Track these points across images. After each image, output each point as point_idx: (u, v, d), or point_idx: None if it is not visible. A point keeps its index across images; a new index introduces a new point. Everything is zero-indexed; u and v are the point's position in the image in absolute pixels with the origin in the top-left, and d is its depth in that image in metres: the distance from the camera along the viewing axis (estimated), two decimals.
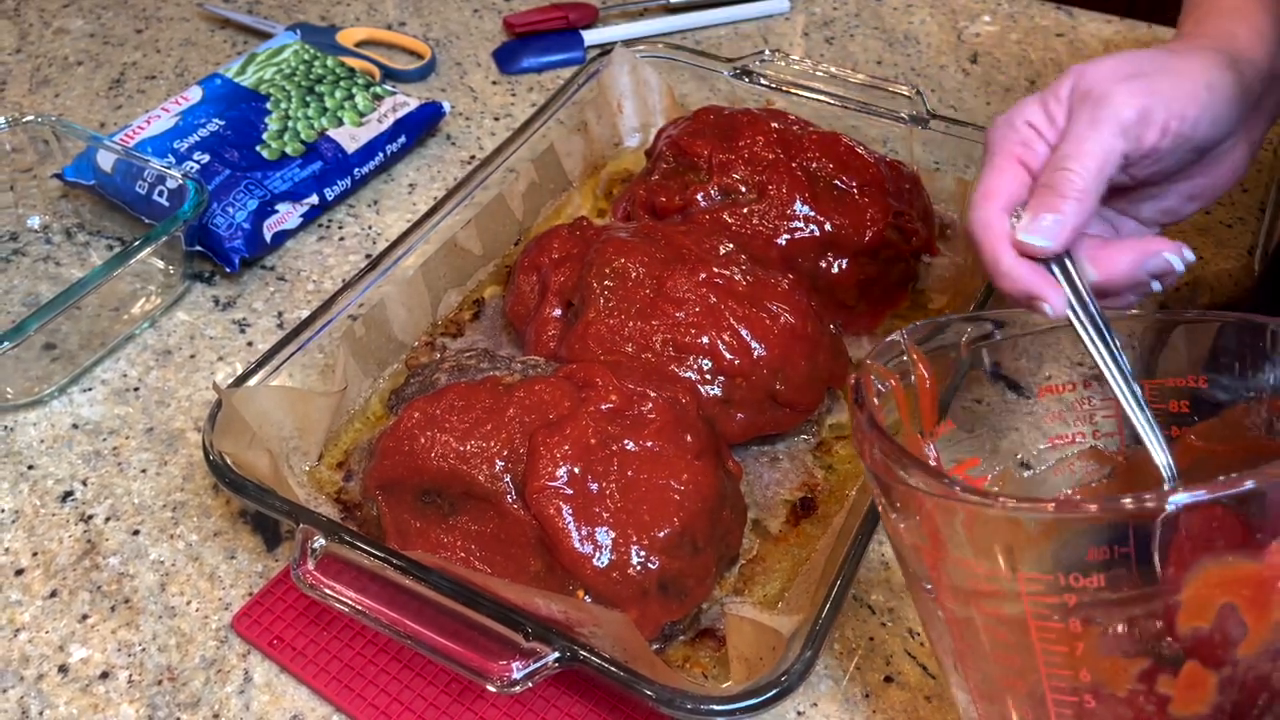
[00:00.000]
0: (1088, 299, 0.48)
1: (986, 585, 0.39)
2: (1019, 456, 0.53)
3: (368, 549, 0.50)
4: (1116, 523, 0.36)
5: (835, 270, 0.67)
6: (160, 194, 0.72)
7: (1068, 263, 0.49)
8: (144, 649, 0.54)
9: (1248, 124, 0.53)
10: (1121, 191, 0.53)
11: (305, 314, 0.67)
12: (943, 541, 0.39)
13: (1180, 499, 0.34)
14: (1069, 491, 0.51)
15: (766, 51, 0.79)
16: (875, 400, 0.44)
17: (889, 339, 0.47)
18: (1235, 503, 0.35)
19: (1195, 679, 0.38)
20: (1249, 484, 0.34)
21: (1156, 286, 0.51)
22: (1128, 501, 0.35)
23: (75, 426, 0.65)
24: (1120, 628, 0.38)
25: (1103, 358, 0.47)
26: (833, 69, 0.78)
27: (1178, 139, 0.49)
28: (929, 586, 0.41)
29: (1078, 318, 0.48)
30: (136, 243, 0.66)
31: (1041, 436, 0.52)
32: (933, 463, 0.48)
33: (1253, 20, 0.54)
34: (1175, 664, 0.38)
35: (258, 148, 0.77)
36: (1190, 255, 0.50)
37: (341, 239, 0.77)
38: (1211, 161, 0.53)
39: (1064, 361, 0.63)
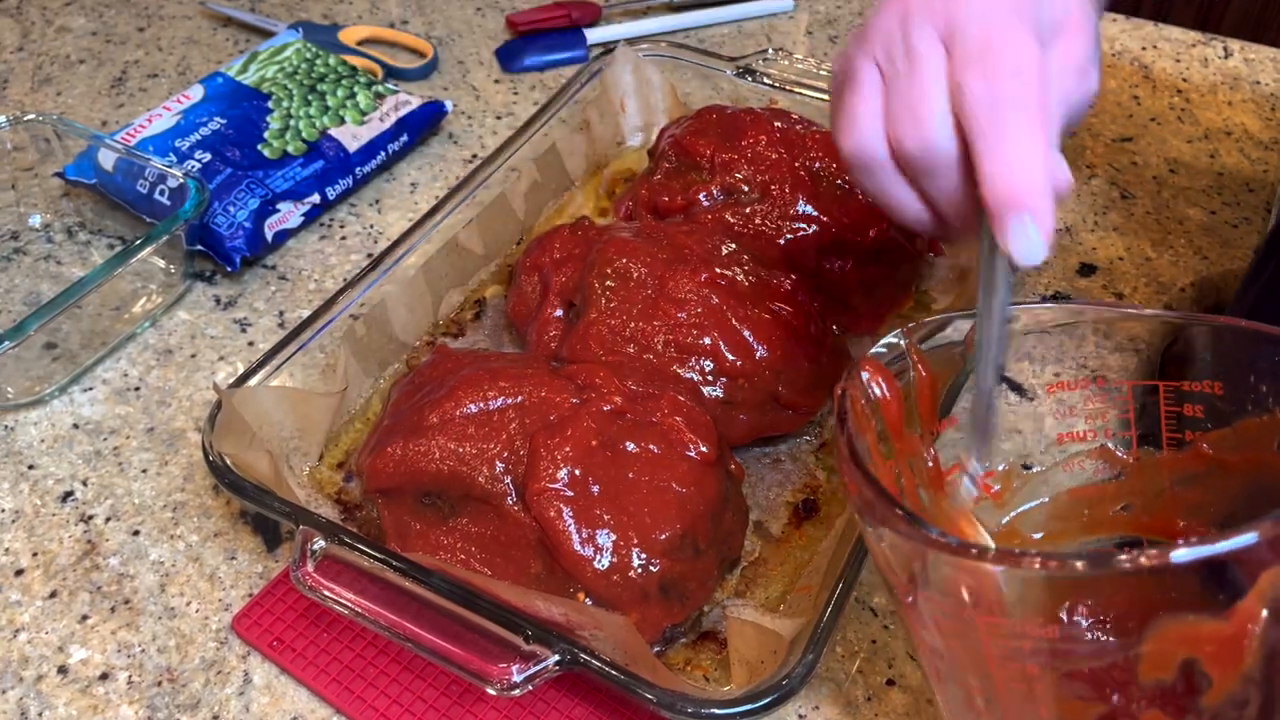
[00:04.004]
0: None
1: (949, 622, 0.39)
2: (1023, 453, 0.53)
3: (367, 551, 0.50)
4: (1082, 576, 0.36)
5: (838, 270, 0.66)
6: (161, 193, 0.72)
7: None
8: (144, 650, 0.54)
9: None
10: None
11: (306, 313, 0.67)
12: (913, 573, 0.39)
13: (1182, 555, 0.33)
14: (1071, 487, 0.50)
15: (770, 50, 0.79)
16: (857, 420, 0.43)
17: (887, 338, 0.47)
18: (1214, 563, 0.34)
19: None
20: (1250, 537, 0.32)
21: None
22: (1122, 559, 0.34)
23: (76, 426, 0.65)
24: (1081, 671, 0.38)
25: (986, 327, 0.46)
26: (835, 68, 0.77)
27: None
28: (908, 600, 0.41)
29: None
30: (137, 242, 0.66)
31: (1050, 434, 0.52)
32: (930, 464, 0.48)
33: None
34: (1138, 711, 0.37)
35: (259, 146, 0.77)
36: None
37: (343, 238, 0.77)
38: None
39: (1069, 362, 0.63)
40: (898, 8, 0.45)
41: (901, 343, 0.47)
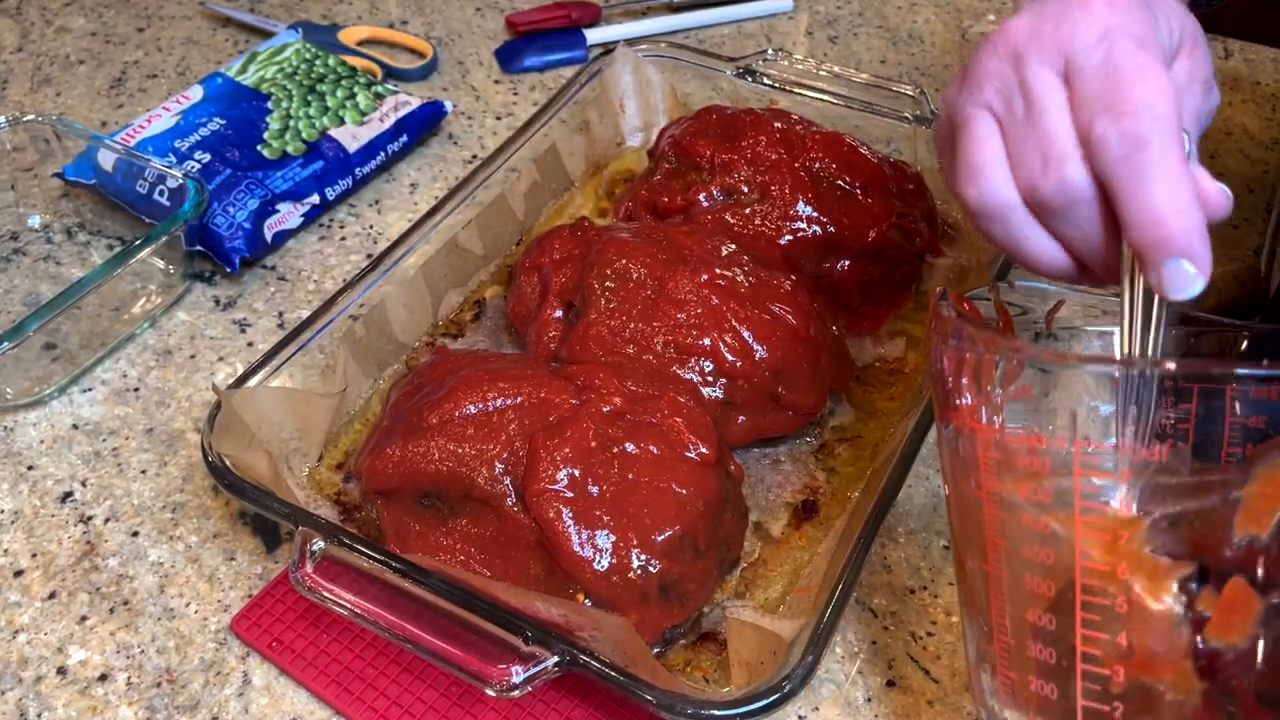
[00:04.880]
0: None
1: (1038, 461, 0.36)
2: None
3: (367, 552, 0.50)
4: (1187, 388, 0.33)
5: (838, 271, 0.66)
6: (161, 193, 0.72)
7: None
8: (143, 651, 0.54)
9: None
10: None
11: (306, 314, 0.67)
12: (1000, 421, 0.37)
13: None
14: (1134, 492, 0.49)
15: (770, 51, 0.79)
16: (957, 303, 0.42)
17: (971, 292, 0.45)
18: None
19: (1238, 600, 0.35)
20: None
21: None
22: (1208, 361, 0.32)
23: (75, 427, 0.65)
24: (1171, 521, 0.35)
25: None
26: (836, 68, 0.77)
27: None
28: (973, 482, 0.39)
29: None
30: (137, 242, 0.66)
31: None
32: (997, 429, 0.46)
33: None
34: (1220, 580, 0.35)
35: (259, 147, 0.77)
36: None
37: (343, 239, 0.77)
38: None
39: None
40: (1004, 48, 0.43)
41: (990, 294, 0.45)
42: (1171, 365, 0.38)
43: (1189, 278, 0.39)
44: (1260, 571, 0.35)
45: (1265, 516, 0.34)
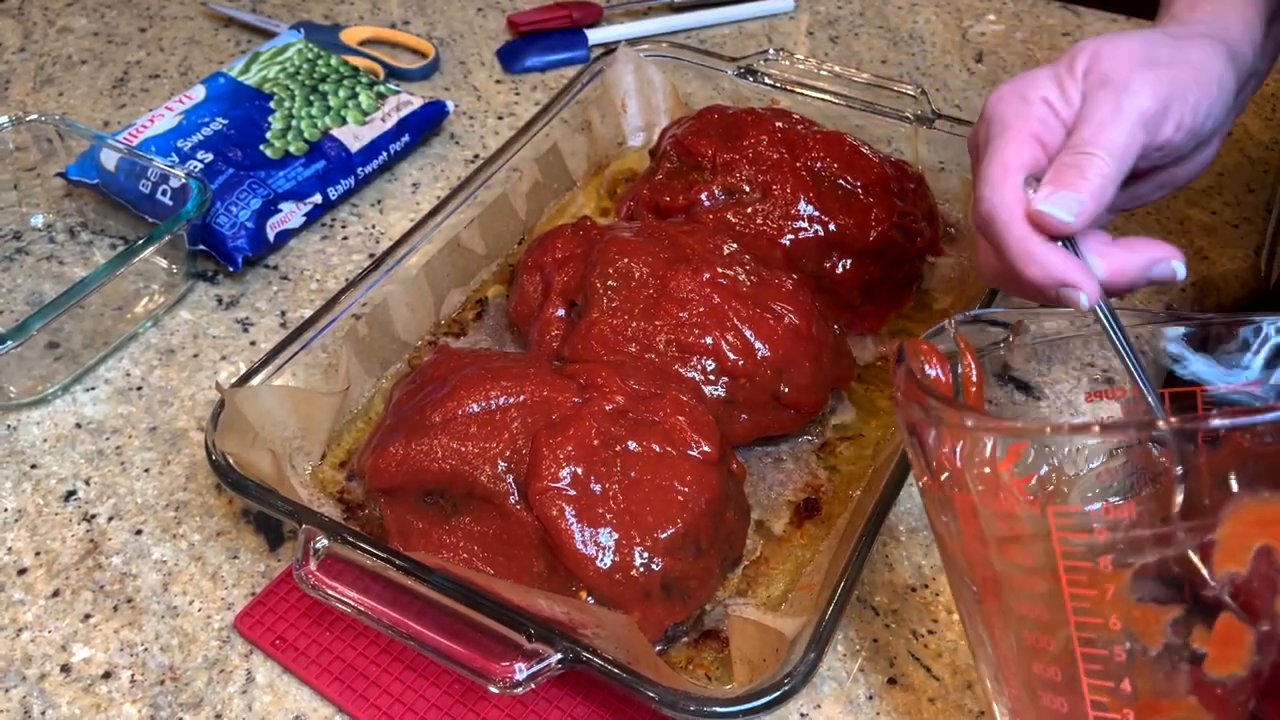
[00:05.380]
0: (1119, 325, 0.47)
1: (1018, 527, 0.37)
2: (1065, 455, 0.52)
3: (370, 550, 0.50)
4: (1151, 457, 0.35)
5: (839, 271, 0.66)
6: (164, 193, 0.72)
7: (1081, 253, 0.47)
8: (146, 649, 0.54)
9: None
10: None
11: (308, 313, 0.67)
12: (978, 489, 0.38)
13: (1270, 415, 0.32)
14: (1113, 501, 0.50)
15: (771, 51, 0.79)
16: (914, 359, 0.43)
17: (935, 327, 0.46)
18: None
19: (1231, 634, 0.36)
20: None
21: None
22: (1174, 420, 0.34)
23: (78, 426, 0.65)
24: (1153, 569, 0.36)
25: (1126, 351, 0.46)
26: (837, 68, 0.77)
27: (1189, 134, 0.48)
28: (959, 546, 0.40)
29: (1103, 310, 0.46)
30: (140, 242, 0.66)
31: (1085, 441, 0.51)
32: (974, 496, 0.47)
33: (1241, 10, 0.53)
34: (1210, 616, 0.36)
35: (261, 147, 0.77)
36: (1184, 268, 0.48)
37: (345, 238, 0.77)
38: (1194, 153, 0.52)
39: (1073, 363, 0.63)
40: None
41: (951, 331, 0.46)
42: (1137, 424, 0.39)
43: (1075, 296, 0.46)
44: (1246, 603, 0.36)
45: (1242, 553, 0.35)
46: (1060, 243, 0.46)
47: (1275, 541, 0.35)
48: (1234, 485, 0.35)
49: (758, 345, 0.58)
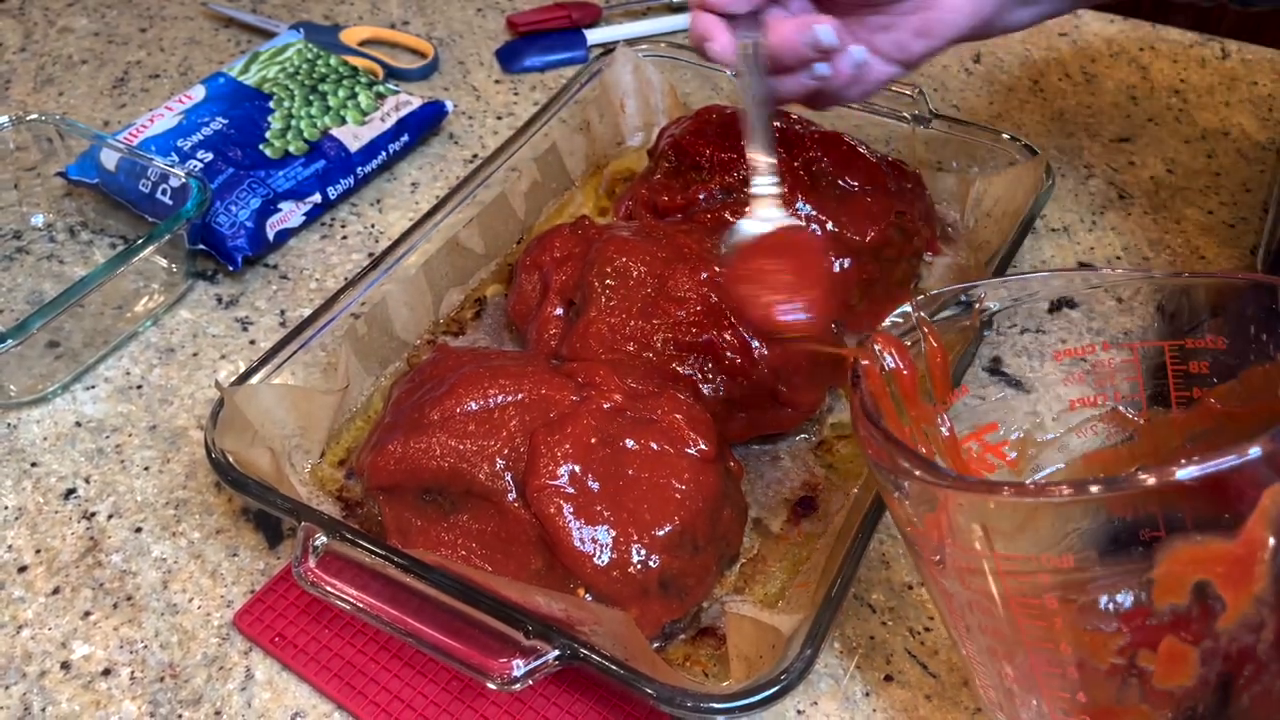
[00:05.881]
0: (759, 70, 0.57)
1: (970, 563, 0.39)
2: (1038, 419, 0.53)
3: (369, 547, 0.50)
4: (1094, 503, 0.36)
5: (837, 269, 0.66)
6: (163, 192, 0.72)
7: (757, 40, 0.57)
8: (146, 646, 0.54)
9: None
10: (857, 18, 0.59)
11: (307, 312, 0.67)
12: (939, 523, 0.40)
13: (1188, 472, 0.34)
14: (1085, 453, 0.51)
15: None
16: (872, 382, 0.44)
17: (898, 310, 0.47)
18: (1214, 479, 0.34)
19: (1175, 653, 0.38)
20: (1255, 451, 0.33)
21: (823, 69, 0.57)
22: (1134, 477, 0.35)
23: (78, 424, 0.65)
24: (1097, 603, 0.38)
25: (753, 102, 0.56)
26: None
27: None
28: (936, 559, 0.42)
29: (748, 67, 0.56)
30: (139, 241, 0.67)
31: (1061, 399, 0.52)
32: (945, 432, 0.48)
33: None
34: (1155, 638, 0.38)
35: (261, 146, 0.77)
36: (832, 34, 0.56)
37: (344, 237, 0.77)
38: None
39: (1077, 327, 0.63)
40: None
41: (913, 315, 0.47)
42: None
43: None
44: (1188, 627, 0.37)
45: (1181, 588, 0.37)
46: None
47: (1212, 577, 0.36)
48: (1163, 529, 0.37)
49: (755, 344, 0.58)
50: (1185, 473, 0.34)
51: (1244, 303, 0.45)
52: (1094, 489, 0.36)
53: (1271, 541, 0.35)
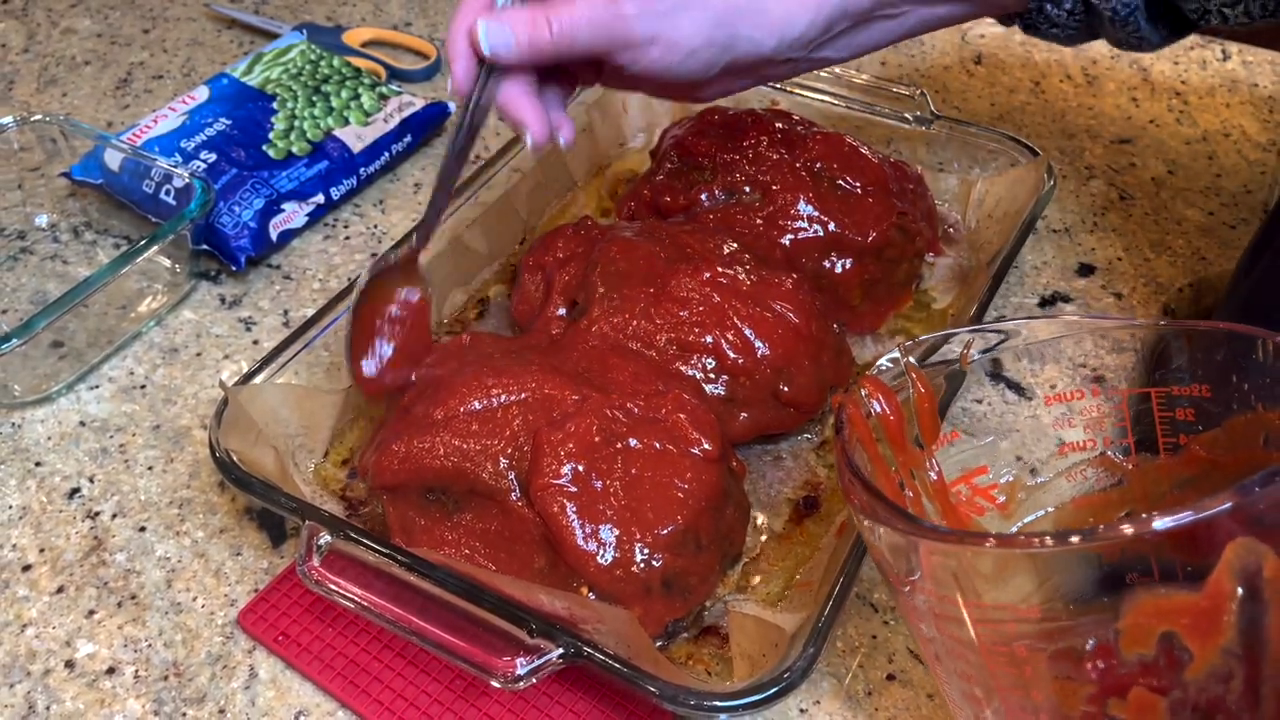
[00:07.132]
0: (479, 102, 0.55)
1: (942, 611, 0.40)
2: (1027, 463, 0.53)
3: (373, 546, 0.50)
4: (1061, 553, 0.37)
5: (839, 270, 0.67)
6: (167, 193, 0.72)
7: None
8: (150, 645, 0.55)
9: None
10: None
11: (311, 312, 0.67)
12: (911, 567, 0.40)
13: (1162, 523, 0.34)
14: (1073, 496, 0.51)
15: None
16: (853, 431, 0.45)
17: (887, 356, 0.48)
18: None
19: (1144, 703, 0.38)
20: (1226, 505, 0.33)
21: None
22: (1103, 530, 0.35)
23: (82, 424, 0.65)
24: (1066, 652, 0.39)
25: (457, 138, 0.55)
26: (837, 69, 0.78)
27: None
28: (906, 591, 0.42)
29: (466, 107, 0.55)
30: (143, 241, 0.67)
31: (1051, 443, 0.52)
32: (934, 476, 0.48)
33: None
34: (1124, 687, 0.38)
35: (264, 147, 0.77)
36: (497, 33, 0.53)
37: (347, 238, 0.78)
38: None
39: (1065, 363, 0.64)
40: None
41: (900, 360, 0.48)
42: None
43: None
44: (1156, 675, 0.38)
45: (1148, 638, 0.37)
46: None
47: (1178, 628, 0.37)
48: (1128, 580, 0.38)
49: (758, 344, 0.59)
50: (1161, 523, 0.33)
51: (1224, 352, 0.45)
52: (1074, 539, 0.36)
53: (1239, 593, 0.35)
